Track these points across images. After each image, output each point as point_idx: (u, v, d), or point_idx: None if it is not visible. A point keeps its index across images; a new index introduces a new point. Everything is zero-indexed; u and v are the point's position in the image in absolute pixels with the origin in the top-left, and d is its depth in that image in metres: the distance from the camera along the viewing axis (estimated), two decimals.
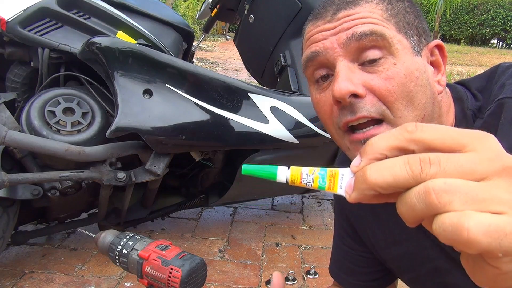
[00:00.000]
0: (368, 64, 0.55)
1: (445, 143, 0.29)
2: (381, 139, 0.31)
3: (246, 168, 0.36)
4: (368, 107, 0.54)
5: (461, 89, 0.65)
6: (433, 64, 0.60)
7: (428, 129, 0.30)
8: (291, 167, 0.35)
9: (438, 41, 0.61)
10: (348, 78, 0.54)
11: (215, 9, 2.09)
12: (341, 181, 0.34)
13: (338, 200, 0.84)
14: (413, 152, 0.30)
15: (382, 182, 0.29)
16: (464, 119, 0.62)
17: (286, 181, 0.35)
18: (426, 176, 0.28)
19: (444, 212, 0.27)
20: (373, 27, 0.54)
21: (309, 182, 0.34)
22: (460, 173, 0.28)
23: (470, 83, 0.65)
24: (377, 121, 0.55)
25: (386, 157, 0.31)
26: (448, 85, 0.64)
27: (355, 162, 0.33)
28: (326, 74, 0.58)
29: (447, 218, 0.27)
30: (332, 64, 0.57)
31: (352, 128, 0.56)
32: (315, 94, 0.61)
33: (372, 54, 0.54)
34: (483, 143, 0.29)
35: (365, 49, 0.55)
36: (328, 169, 0.34)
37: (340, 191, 0.33)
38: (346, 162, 0.82)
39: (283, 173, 0.35)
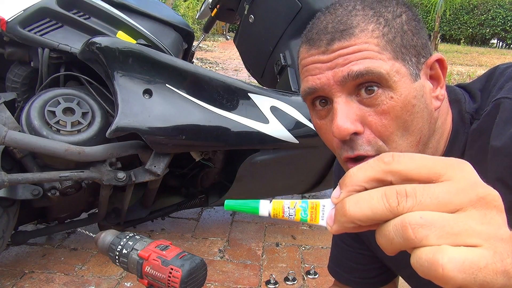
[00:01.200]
0: (365, 95, 0.54)
1: (421, 173, 0.30)
2: (359, 171, 0.32)
3: (228, 204, 0.36)
4: (365, 146, 0.55)
5: (459, 91, 0.64)
6: (432, 77, 0.59)
7: (404, 159, 0.30)
8: (273, 201, 0.35)
9: (438, 55, 0.59)
10: (346, 116, 0.54)
11: (215, 9, 2.09)
12: (322, 212, 0.34)
13: None
14: (391, 183, 0.31)
15: (360, 215, 0.30)
16: (461, 122, 0.62)
17: (269, 214, 0.35)
18: (403, 210, 0.29)
19: (421, 247, 0.28)
20: (369, 66, 0.53)
21: (291, 216, 0.35)
22: (436, 205, 0.28)
23: (469, 85, 0.65)
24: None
25: (365, 189, 0.31)
26: (446, 87, 0.64)
27: (335, 193, 0.33)
28: (324, 100, 0.58)
29: (423, 253, 0.27)
30: (329, 97, 0.57)
31: (351, 160, 0.57)
32: (315, 119, 0.61)
33: (369, 87, 0.54)
34: (458, 172, 0.29)
35: (362, 84, 0.54)
36: (309, 201, 0.35)
37: (322, 223, 0.34)
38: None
39: (265, 207, 0.35)
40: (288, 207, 0.35)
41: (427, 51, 0.58)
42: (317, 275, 1.61)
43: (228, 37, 4.65)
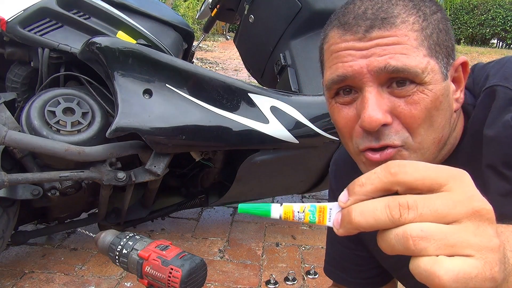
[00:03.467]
0: (397, 87, 0.53)
1: (424, 184, 0.32)
2: (368, 181, 0.34)
3: (242, 207, 0.39)
4: (393, 135, 0.54)
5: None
6: (454, 80, 0.59)
7: (410, 170, 0.33)
8: (283, 204, 0.38)
9: (463, 58, 0.59)
10: (378, 106, 0.53)
11: (215, 9, 2.09)
12: (329, 215, 0.37)
13: (333, 197, 0.84)
14: (396, 192, 0.33)
15: (365, 223, 0.33)
16: (465, 117, 0.63)
17: (280, 217, 0.38)
18: (404, 221, 0.32)
19: (420, 256, 0.31)
20: (406, 64, 0.52)
21: (301, 219, 0.38)
22: (435, 217, 0.31)
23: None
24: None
25: (372, 198, 0.34)
26: None
27: (342, 198, 0.36)
28: (349, 88, 0.57)
29: (422, 263, 0.31)
30: (359, 86, 0.55)
31: (372, 149, 0.56)
32: (333, 104, 0.59)
33: (402, 81, 0.53)
34: (457, 184, 0.32)
35: (395, 78, 0.53)
36: (317, 205, 0.38)
37: (329, 224, 0.37)
38: (339, 163, 0.83)
39: (277, 211, 0.38)
40: (298, 211, 0.38)
41: (454, 54, 0.58)
42: (317, 275, 1.61)
43: (228, 37, 4.64)
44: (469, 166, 0.58)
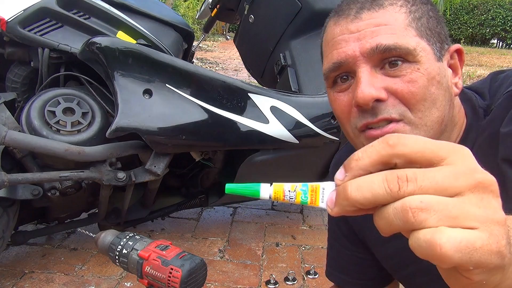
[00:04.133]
0: (390, 69, 0.55)
1: (424, 156, 0.31)
2: (365, 154, 0.32)
3: (229, 187, 0.36)
4: (389, 109, 0.55)
5: (467, 91, 0.66)
6: (451, 67, 0.61)
7: (409, 142, 0.31)
8: (273, 184, 0.36)
9: (458, 45, 0.61)
10: (370, 83, 0.54)
11: (215, 9, 2.09)
12: (322, 195, 0.35)
13: None
14: (395, 165, 0.31)
15: (362, 199, 0.31)
16: (475, 116, 0.63)
17: (270, 197, 0.36)
18: (403, 194, 0.30)
19: (420, 229, 0.29)
20: (396, 41, 0.54)
21: (292, 198, 0.35)
22: (436, 190, 0.29)
23: (475, 86, 0.67)
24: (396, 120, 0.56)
25: (370, 172, 0.32)
26: None
27: (339, 175, 0.34)
28: (345, 75, 0.59)
29: (422, 235, 0.29)
30: (353, 70, 0.57)
31: (370, 127, 0.57)
32: (332, 92, 0.61)
33: (394, 61, 0.55)
34: (459, 157, 0.31)
35: (387, 59, 0.55)
36: (309, 184, 0.35)
37: (322, 205, 0.35)
38: (340, 164, 0.82)
39: (266, 190, 0.36)
40: (289, 190, 0.35)
41: (448, 41, 0.60)
42: (317, 275, 1.61)
43: (228, 37, 4.64)
44: (484, 165, 0.59)
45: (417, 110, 0.55)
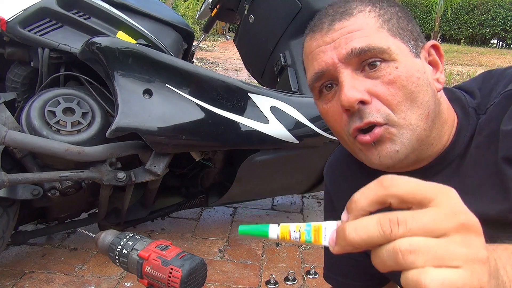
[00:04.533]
0: (369, 70, 0.57)
1: (415, 197, 0.34)
2: (362, 196, 0.36)
3: (242, 229, 0.41)
4: (374, 113, 0.57)
5: (456, 90, 0.67)
6: (430, 63, 0.62)
7: (401, 183, 0.35)
8: (280, 225, 0.40)
9: (433, 41, 0.64)
10: (353, 86, 0.56)
11: (215, 9, 2.09)
12: (324, 233, 0.38)
13: (330, 200, 0.84)
14: (390, 204, 0.35)
15: (358, 240, 0.34)
16: (465, 116, 0.63)
17: (277, 237, 0.40)
18: (395, 236, 0.33)
19: (409, 269, 0.32)
20: (370, 42, 0.56)
21: (297, 238, 0.39)
22: (423, 232, 0.32)
23: (464, 86, 0.68)
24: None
25: (369, 213, 0.36)
26: (444, 89, 0.66)
27: (343, 217, 0.38)
28: (330, 83, 0.61)
29: (410, 275, 0.32)
30: (335, 77, 0.59)
31: (361, 131, 0.59)
32: (321, 105, 0.63)
33: (373, 62, 0.57)
34: (444, 198, 0.34)
35: (365, 61, 0.57)
36: (312, 224, 0.39)
37: (325, 243, 0.38)
38: (334, 165, 0.83)
39: (274, 231, 0.40)
40: (294, 231, 0.39)
41: (422, 39, 0.62)
42: (317, 275, 1.61)
43: (228, 37, 4.64)
44: (483, 164, 0.59)
45: (399, 111, 0.57)
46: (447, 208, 0.33)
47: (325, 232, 0.38)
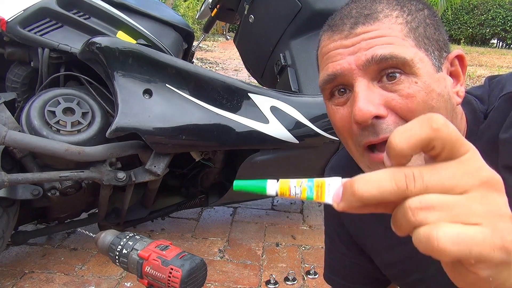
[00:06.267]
0: (387, 82, 0.53)
1: (456, 144, 0.30)
2: (403, 137, 0.31)
3: (237, 184, 0.37)
4: (391, 128, 0.53)
5: (467, 95, 0.65)
6: (452, 74, 0.59)
7: (451, 126, 0.30)
8: (280, 180, 0.36)
9: (459, 51, 0.59)
10: (368, 99, 0.52)
11: (215, 9, 2.09)
12: (328, 190, 0.35)
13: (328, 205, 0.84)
14: (433, 148, 0.30)
15: (368, 195, 0.31)
16: (475, 120, 0.62)
17: (276, 193, 0.36)
18: (410, 193, 0.30)
19: (420, 226, 0.29)
20: (393, 51, 0.52)
21: (298, 194, 0.36)
22: (441, 189, 0.29)
23: (474, 91, 0.66)
24: None
25: (415, 153, 0.31)
26: None
27: (386, 162, 0.33)
28: (343, 88, 0.57)
29: (421, 230, 0.29)
30: (350, 83, 0.55)
31: (372, 147, 0.55)
32: (331, 106, 0.60)
33: (392, 73, 0.53)
34: (474, 155, 0.31)
35: (384, 69, 0.53)
36: (315, 179, 0.36)
37: (328, 200, 0.35)
38: (335, 169, 0.82)
39: (273, 187, 0.36)
40: (295, 186, 0.36)
41: (448, 48, 0.58)
42: (317, 275, 1.61)
43: (228, 37, 4.64)
44: None
45: None
46: (470, 164, 0.30)
47: (329, 188, 0.35)
